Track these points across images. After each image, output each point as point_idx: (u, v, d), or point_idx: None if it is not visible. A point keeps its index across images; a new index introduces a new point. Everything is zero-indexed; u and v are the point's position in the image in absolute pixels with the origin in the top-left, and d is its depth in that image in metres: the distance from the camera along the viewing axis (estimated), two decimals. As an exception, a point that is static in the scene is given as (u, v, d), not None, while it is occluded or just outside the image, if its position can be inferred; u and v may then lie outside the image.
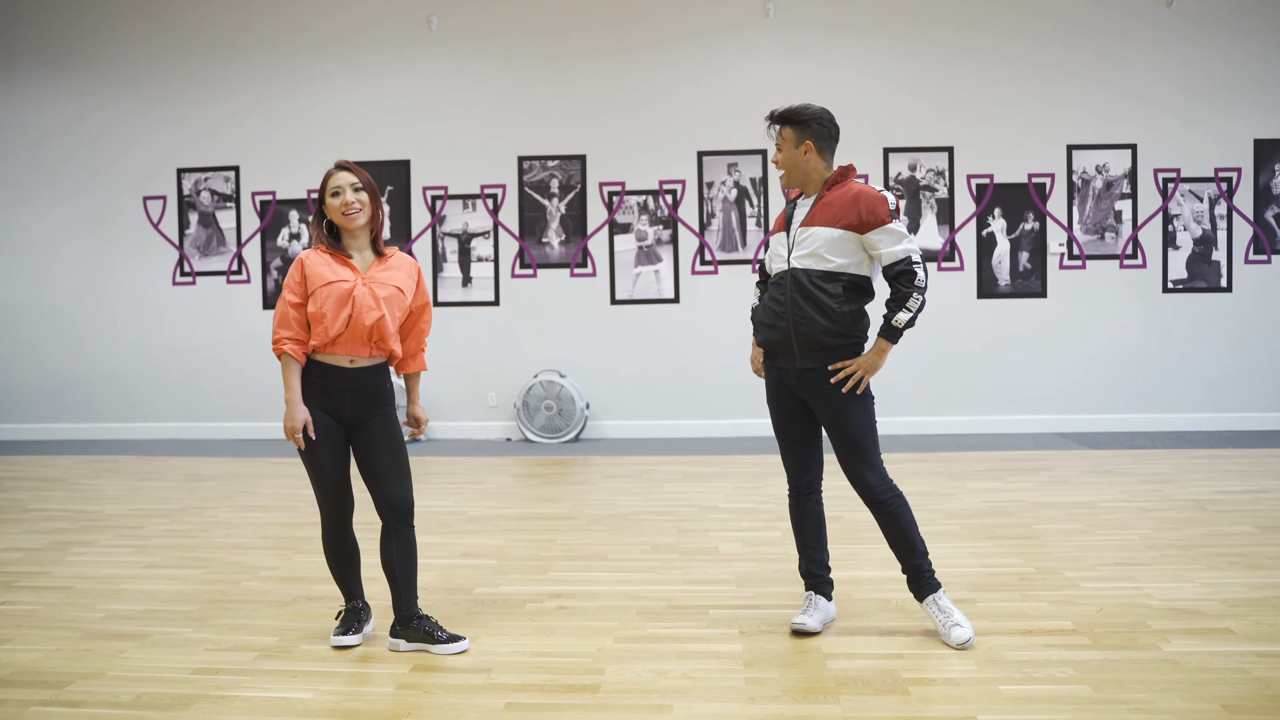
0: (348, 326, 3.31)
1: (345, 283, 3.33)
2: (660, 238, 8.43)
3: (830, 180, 3.43)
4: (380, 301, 3.34)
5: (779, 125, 3.45)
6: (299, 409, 3.31)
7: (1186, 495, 5.68)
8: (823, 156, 3.43)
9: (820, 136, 3.44)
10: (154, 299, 8.84)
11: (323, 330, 3.31)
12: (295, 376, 3.34)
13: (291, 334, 3.33)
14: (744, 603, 3.86)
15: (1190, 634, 3.41)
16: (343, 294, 3.30)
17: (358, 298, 3.31)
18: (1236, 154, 8.19)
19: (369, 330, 3.32)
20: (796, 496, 3.59)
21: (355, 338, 3.33)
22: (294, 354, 3.33)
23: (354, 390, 3.37)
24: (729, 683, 3.06)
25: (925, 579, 3.42)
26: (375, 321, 3.32)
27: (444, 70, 8.54)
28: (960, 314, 8.31)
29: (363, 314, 3.31)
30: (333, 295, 3.31)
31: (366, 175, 3.42)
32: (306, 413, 3.31)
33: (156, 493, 6.35)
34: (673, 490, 6.12)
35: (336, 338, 3.31)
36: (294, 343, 3.33)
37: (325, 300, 3.31)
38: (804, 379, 3.41)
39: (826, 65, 8.28)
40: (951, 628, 3.32)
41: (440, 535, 5.04)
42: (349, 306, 3.30)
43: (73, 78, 8.80)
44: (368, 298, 3.33)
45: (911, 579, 3.44)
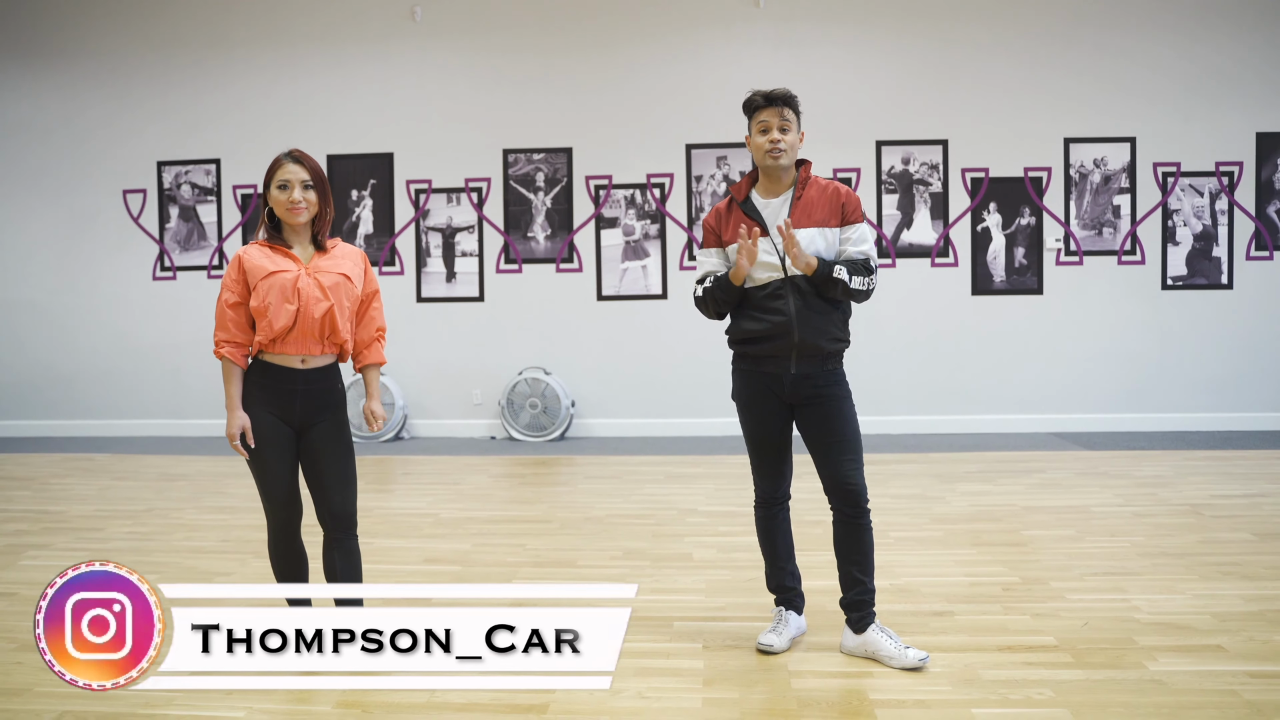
0: (295, 321, 3.13)
1: (287, 273, 3.15)
2: (648, 232, 8.25)
3: (802, 178, 3.24)
4: (327, 291, 3.16)
5: (784, 105, 3.19)
6: (238, 415, 3.15)
7: (1183, 499, 5.49)
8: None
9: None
10: (134, 294, 8.68)
11: (267, 325, 3.13)
12: (235, 382, 3.17)
13: (229, 336, 3.16)
14: (711, 614, 3.69)
15: (1179, 651, 3.23)
16: (286, 285, 3.13)
17: (303, 289, 3.14)
18: (1238, 148, 7.98)
19: (319, 323, 3.15)
20: (769, 508, 3.40)
21: (305, 333, 3.16)
22: (233, 358, 3.16)
23: (305, 392, 3.20)
24: (685, 703, 2.90)
25: (871, 607, 3.23)
26: (325, 313, 3.15)
27: (428, 62, 8.37)
28: (954, 311, 8.12)
29: (310, 305, 3.14)
30: (275, 287, 3.13)
31: (317, 168, 3.24)
32: (246, 419, 3.15)
33: (125, 493, 6.19)
34: (652, 492, 5.95)
35: (284, 334, 3.14)
36: (232, 346, 3.16)
37: (268, 293, 3.13)
38: (799, 384, 3.22)
39: (818, 57, 8.08)
40: (906, 649, 3.12)
41: (406, 539, 4.87)
42: (295, 300, 3.12)
43: (51, 70, 8.64)
44: (314, 288, 3.15)
45: (858, 605, 3.23)
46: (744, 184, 3.31)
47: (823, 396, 3.22)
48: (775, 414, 3.29)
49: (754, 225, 3.20)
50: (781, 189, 3.25)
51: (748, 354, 3.29)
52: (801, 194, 3.22)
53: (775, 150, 3.17)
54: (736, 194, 3.30)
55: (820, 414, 3.23)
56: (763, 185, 3.28)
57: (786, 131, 3.19)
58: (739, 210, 3.27)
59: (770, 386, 3.26)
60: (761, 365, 3.26)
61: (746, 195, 3.28)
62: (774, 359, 3.23)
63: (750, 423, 3.35)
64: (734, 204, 3.30)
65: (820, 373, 3.21)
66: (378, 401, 3.35)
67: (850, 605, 3.24)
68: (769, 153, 3.19)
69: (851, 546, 3.22)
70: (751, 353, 3.27)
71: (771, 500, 3.40)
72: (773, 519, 3.41)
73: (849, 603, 3.25)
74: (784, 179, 3.25)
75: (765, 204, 3.25)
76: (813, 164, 3.35)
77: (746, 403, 3.34)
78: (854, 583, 3.22)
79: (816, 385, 3.21)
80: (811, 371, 3.21)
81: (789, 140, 3.19)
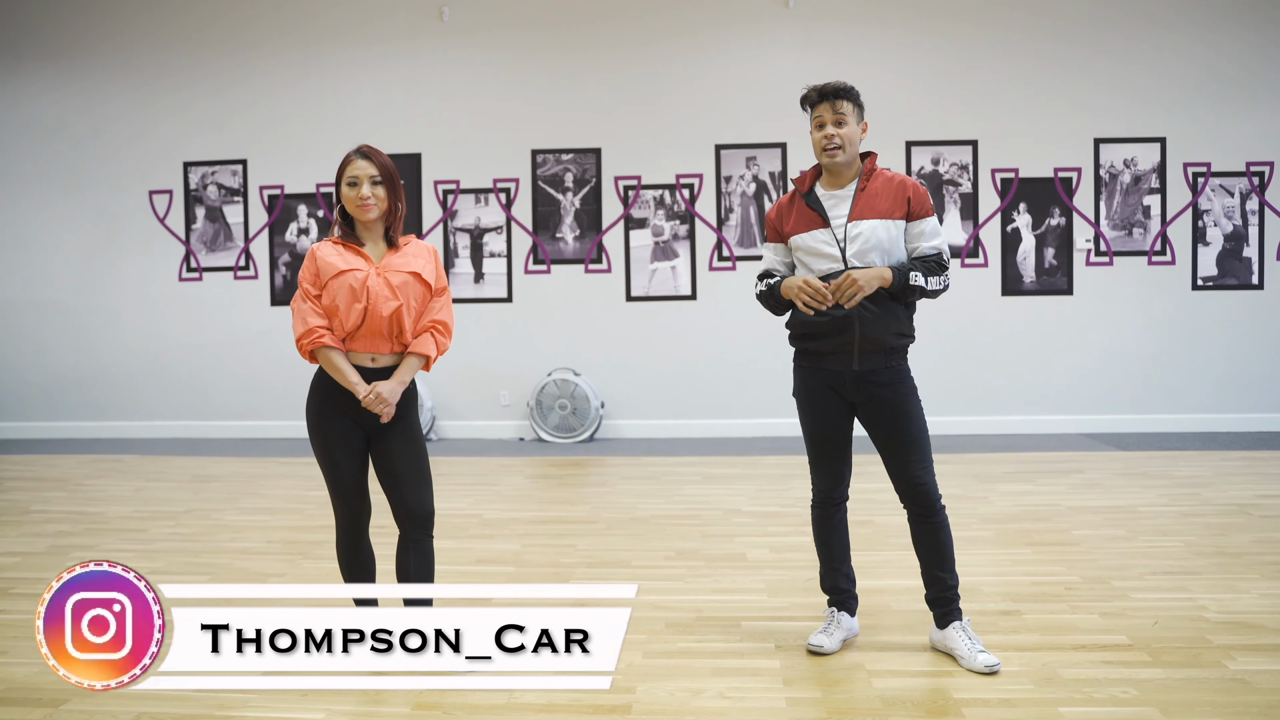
0: (364, 320, 3.12)
1: (358, 271, 3.13)
2: (677, 233, 8.24)
3: (867, 169, 3.22)
4: (395, 290, 3.13)
5: (840, 98, 3.16)
6: (363, 385, 3.11)
7: (1227, 499, 5.47)
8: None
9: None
10: (160, 295, 8.66)
11: (338, 325, 3.13)
12: (344, 360, 3.13)
13: (320, 323, 3.13)
14: (777, 614, 3.67)
15: (1256, 650, 3.21)
16: (355, 284, 3.11)
17: (372, 288, 3.11)
18: (1269, 147, 7.96)
19: (387, 322, 3.13)
20: (826, 508, 3.37)
21: (374, 331, 3.14)
22: (332, 342, 3.13)
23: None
24: (769, 703, 2.87)
25: (955, 604, 3.22)
26: (393, 312, 3.12)
27: (456, 62, 8.35)
28: (984, 311, 8.10)
29: (378, 305, 3.11)
30: (344, 286, 3.11)
31: (387, 163, 3.21)
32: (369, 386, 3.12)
33: (161, 494, 6.17)
34: (693, 493, 5.92)
35: (353, 332, 3.13)
36: (326, 333, 3.13)
37: (337, 292, 3.12)
38: (861, 382, 3.19)
39: (847, 57, 8.06)
40: (978, 653, 3.09)
41: (455, 540, 4.84)
42: (364, 299, 3.10)
43: (77, 70, 8.62)
44: (383, 287, 3.13)
45: (941, 603, 3.22)
46: (809, 176, 3.29)
47: (887, 394, 3.19)
48: (837, 411, 3.26)
49: (820, 290, 3.07)
50: (845, 181, 3.23)
51: (808, 350, 3.27)
52: (866, 185, 3.19)
53: (831, 147, 3.16)
54: (799, 185, 3.28)
55: (885, 412, 3.20)
56: (826, 178, 3.26)
57: (842, 125, 3.16)
58: (801, 201, 3.25)
59: (832, 384, 3.24)
60: (823, 362, 3.23)
61: (810, 187, 3.26)
62: (835, 355, 3.19)
63: (811, 420, 3.32)
64: (797, 196, 3.28)
65: (884, 369, 3.19)
66: (391, 384, 3.13)
67: (932, 602, 3.23)
68: (825, 150, 3.17)
69: (929, 545, 3.20)
70: (812, 349, 3.24)
71: (829, 500, 3.36)
72: (829, 519, 3.37)
73: (931, 599, 3.24)
74: (846, 172, 3.23)
75: (828, 195, 3.23)
76: (878, 155, 3.32)
77: (807, 399, 3.31)
78: (933, 580, 3.21)
79: (880, 382, 3.19)
80: (875, 368, 3.18)
81: (845, 135, 3.16)
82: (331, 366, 3.14)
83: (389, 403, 3.11)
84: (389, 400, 3.11)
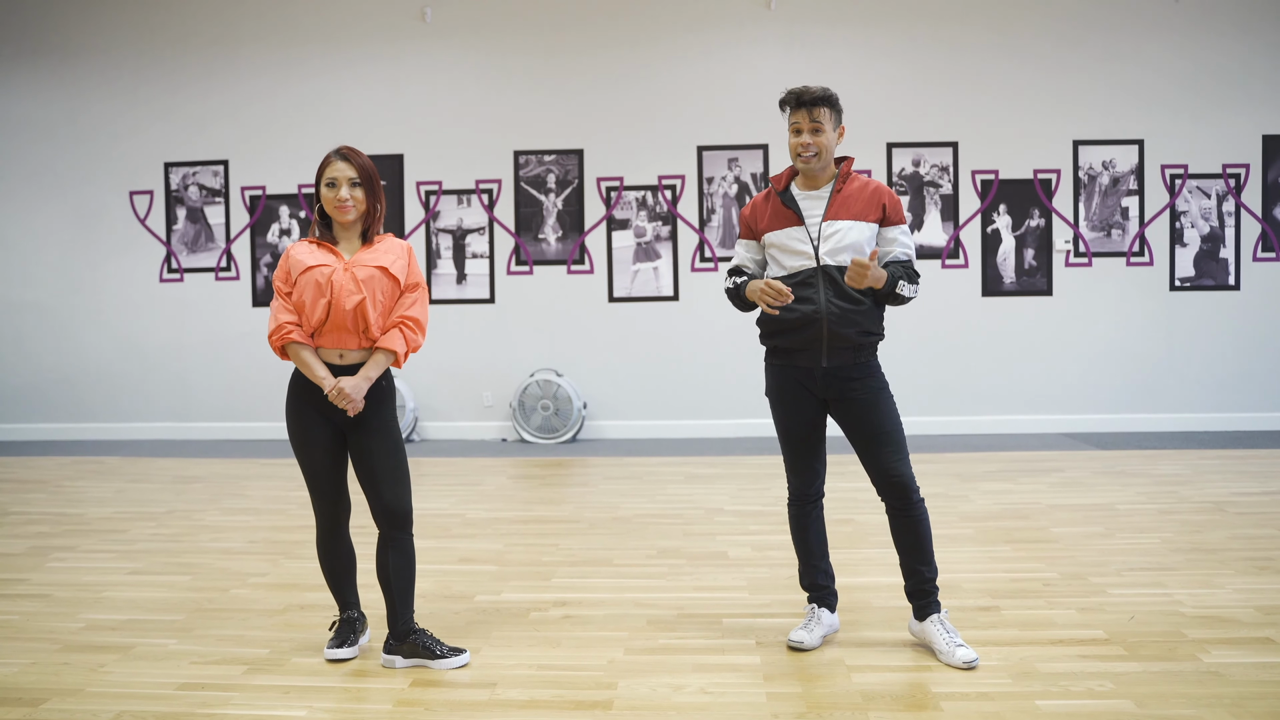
0: (328, 315, 3.12)
1: (325, 267, 3.14)
2: (659, 234, 8.26)
3: (843, 173, 3.26)
4: (360, 284, 3.13)
5: (817, 106, 3.20)
6: (329, 379, 3.11)
7: (1204, 497, 5.52)
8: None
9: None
10: (141, 296, 8.62)
11: (305, 320, 3.14)
12: (312, 355, 3.15)
13: (290, 319, 3.15)
14: (758, 611, 3.69)
15: (1229, 644, 3.24)
16: (320, 280, 3.11)
17: (336, 282, 3.11)
18: (1245, 150, 8.05)
19: (351, 316, 3.12)
20: (802, 505, 3.39)
21: (338, 326, 3.13)
22: (300, 338, 3.15)
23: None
24: (750, 698, 2.89)
25: (933, 596, 3.25)
26: (356, 305, 3.11)
27: (438, 63, 8.35)
28: (964, 312, 8.16)
29: (342, 298, 3.11)
30: (310, 282, 3.13)
31: (367, 165, 3.21)
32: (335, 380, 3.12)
33: (142, 495, 6.14)
34: (675, 492, 5.94)
35: (319, 328, 3.14)
36: (295, 328, 3.15)
37: (304, 288, 3.13)
38: (831, 378, 3.22)
39: (829, 58, 8.11)
40: (956, 647, 3.12)
41: (437, 539, 4.85)
42: (328, 293, 3.11)
43: (58, 70, 8.58)
44: (348, 281, 3.13)
45: (920, 595, 3.25)
46: (785, 175, 3.34)
47: (857, 390, 3.22)
48: (808, 409, 3.29)
49: (782, 291, 3.10)
50: (820, 184, 3.28)
51: (778, 348, 3.30)
52: (841, 188, 3.24)
53: (806, 155, 3.20)
54: (776, 185, 3.32)
55: (857, 408, 3.23)
56: (802, 179, 3.31)
57: (818, 133, 3.20)
58: (777, 199, 3.29)
59: (802, 381, 3.27)
60: (793, 359, 3.27)
61: (786, 186, 3.31)
62: (804, 352, 3.23)
63: (783, 418, 3.34)
64: (773, 194, 3.32)
65: (853, 366, 3.22)
66: (356, 379, 3.10)
67: (911, 594, 3.27)
68: (800, 156, 3.22)
69: (907, 538, 3.23)
70: (782, 346, 3.28)
71: (805, 497, 3.39)
72: (806, 516, 3.40)
73: (910, 592, 3.27)
74: (821, 176, 3.28)
75: (804, 195, 3.28)
76: (854, 160, 3.37)
77: (779, 397, 3.34)
78: (912, 572, 3.24)
79: (850, 379, 3.22)
80: (843, 364, 3.21)
81: (820, 142, 3.20)
82: (300, 361, 3.16)
83: (352, 398, 3.09)
84: (352, 395, 3.09)
